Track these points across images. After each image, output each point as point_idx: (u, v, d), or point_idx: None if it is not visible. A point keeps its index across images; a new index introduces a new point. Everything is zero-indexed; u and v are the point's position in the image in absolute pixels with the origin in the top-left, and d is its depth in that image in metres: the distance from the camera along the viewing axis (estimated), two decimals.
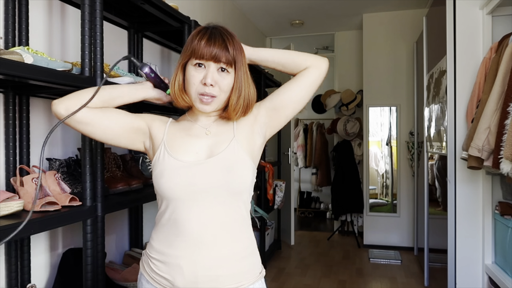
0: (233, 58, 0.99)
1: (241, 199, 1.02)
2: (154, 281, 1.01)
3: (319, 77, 1.11)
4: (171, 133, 1.07)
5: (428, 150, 3.06)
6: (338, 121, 4.73)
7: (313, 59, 1.10)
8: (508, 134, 1.61)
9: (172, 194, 0.97)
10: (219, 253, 0.97)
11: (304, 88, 1.09)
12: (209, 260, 0.96)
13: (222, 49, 0.97)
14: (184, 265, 0.96)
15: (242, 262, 1.01)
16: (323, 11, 4.20)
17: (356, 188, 4.51)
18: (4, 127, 1.41)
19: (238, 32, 4.37)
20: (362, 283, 3.28)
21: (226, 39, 0.99)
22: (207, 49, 0.97)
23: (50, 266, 1.63)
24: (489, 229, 2.18)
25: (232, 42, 1.00)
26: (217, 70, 0.99)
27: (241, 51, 1.03)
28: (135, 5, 1.73)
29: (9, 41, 1.39)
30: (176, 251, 0.97)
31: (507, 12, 2.11)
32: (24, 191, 1.26)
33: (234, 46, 1.00)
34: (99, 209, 1.36)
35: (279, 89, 1.10)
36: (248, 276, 1.01)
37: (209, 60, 0.97)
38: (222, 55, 0.97)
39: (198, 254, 0.96)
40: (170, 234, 0.99)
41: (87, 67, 1.32)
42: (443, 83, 2.44)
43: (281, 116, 1.11)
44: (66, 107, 0.99)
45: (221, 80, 0.99)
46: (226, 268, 0.98)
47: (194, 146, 1.03)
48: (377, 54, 4.35)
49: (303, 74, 1.09)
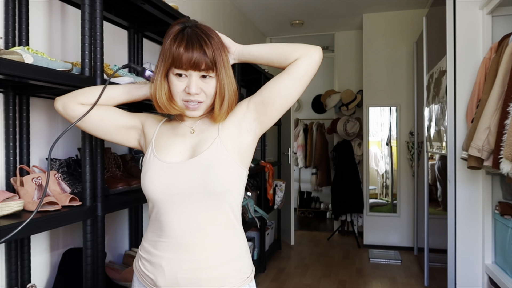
0: (213, 60, 0.96)
1: (225, 201, 0.98)
2: (142, 279, 1.03)
3: (310, 67, 0.99)
4: (161, 132, 1.08)
5: (428, 150, 3.06)
6: (338, 121, 4.73)
7: (303, 49, 1.00)
8: (508, 134, 1.61)
9: (154, 195, 0.98)
10: (200, 256, 0.96)
11: (294, 81, 0.99)
12: (189, 263, 0.96)
13: (200, 55, 0.94)
14: (166, 266, 0.97)
15: (226, 266, 0.98)
16: (323, 11, 4.20)
17: (356, 188, 4.51)
18: (4, 127, 1.41)
19: (238, 32, 4.38)
20: (362, 283, 3.28)
21: (203, 42, 0.95)
22: (186, 57, 0.93)
23: (50, 266, 1.63)
24: (489, 229, 2.18)
25: (210, 43, 0.96)
26: (200, 77, 0.97)
27: (221, 49, 0.99)
28: (135, 5, 1.73)
29: (9, 41, 1.38)
30: (159, 251, 0.99)
31: (507, 12, 2.11)
32: (24, 191, 1.26)
33: (212, 47, 0.96)
34: (99, 209, 1.36)
35: (269, 82, 1.03)
36: (233, 280, 0.98)
37: (190, 69, 0.95)
38: (202, 62, 0.94)
39: (179, 256, 0.96)
40: (154, 234, 1.01)
41: (87, 67, 1.32)
42: (443, 83, 2.44)
43: (270, 112, 1.02)
44: (62, 104, 1.07)
45: (205, 87, 0.98)
46: (208, 271, 0.96)
47: (178, 146, 1.03)
48: (377, 54, 4.35)
49: (293, 66, 0.99)
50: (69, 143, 1.72)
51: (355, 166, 4.64)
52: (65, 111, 1.08)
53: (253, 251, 3.47)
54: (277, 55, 1.02)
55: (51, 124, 1.63)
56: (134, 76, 1.65)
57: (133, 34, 2.13)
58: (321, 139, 5.69)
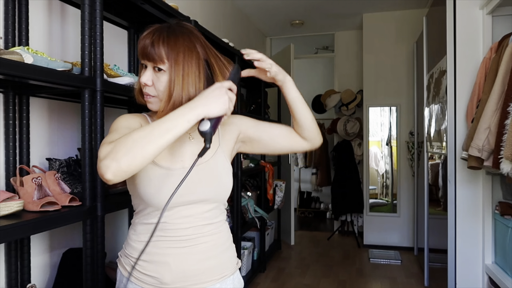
0: (164, 55, 0.92)
1: (224, 202, 1.06)
2: (139, 281, 0.98)
3: (303, 150, 1.14)
4: None
5: (428, 150, 3.06)
6: (338, 121, 4.73)
7: (318, 137, 1.10)
8: (508, 134, 1.61)
9: (160, 203, 0.93)
10: (202, 248, 0.99)
11: (285, 149, 1.12)
12: (194, 255, 0.98)
13: (151, 46, 0.92)
14: (172, 261, 0.96)
15: (224, 254, 1.05)
16: (323, 11, 4.20)
17: (356, 188, 4.51)
18: (4, 127, 1.41)
19: (238, 32, 4.36)
20: (362, 283, 3.27)
21: (162, 35, 0.92)
22: (141, 44, 0.94)
23: (50, 266, 1.63)
24: (489, 229, 2.18)
25: (168, 38, 0.92)
26: (154, 69, 0.94)
27: (184, 50, 0.93)
28: (135, 5, 1.73)
29: (9, 41, 1.38)
30: (162, 249, 0.97)
31: (507, 12, 2.11)
32: (24, 191, 1.26)
33: (167, 43, 0.92)
34: (99, 209, 1.36)
35: (268, 125, 1.12)
36: (229, 266, 1.05)
37: (143, 58, 0.95)
38: (152, 53, 0.92)
39: (185, 250, 0.97)
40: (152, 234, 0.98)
41: (87, 67, 1.32)
42: (443, 83, 2.44)
43: (248, 147, 1.13)
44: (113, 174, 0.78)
45: (156, 80, 0.94)
46: (209, 261, 1.00)
47: (178, 151, 0.99)
48: (377, 54, 4.35)
49: (297, 142, 1.10)
50: (69, 143, 1.72)
51: (355, 166, 4.64)
52: (125, 174, 0.80)
53: (253, 251, 3.47)
54: (302, 114, 1.06)
55: (51, 124, 1.63)
56: (134, 76, 1.65)
57: (133, 34, 2.13)
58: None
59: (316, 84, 6.41)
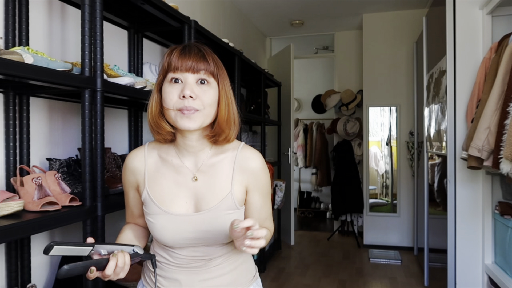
0: (214, 69, 0.91)
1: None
2: None
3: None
4: (152, 170, 0.98)
5: (428, 150, 3.06)
6: (338, 121, 4.73)
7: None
8: (508, 134, 1.61)
9: (164, 243, 0.96)
10: (216, 268, 0.99)
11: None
12: (204, 274, 0.98)
13: (199, 59, 0.89)
14: (182, 279, 0.98)
15: (238, 268, 1.03)
16: (323, 11, 4.20)
17: (356, 188, 4.51)
18: (4, 127, 1.41)
19: (238, 32, 4.36)
20: (362, 283, 3.28)
21: (204, 50, 0.92)
22: (183, 60, 0.88)
23: (50, 266, 1.63)
24: (489, 229, 2.18)
25: (211, 56, 0.92)
26: (196, 82, 0.89)
27: (223, 70, 0.94)
28: (135, 5, 1.74)
29: (9, 41, 1.39)
30: (171, 273, 0.99)
31: (507, 12, 2.10)
32: (24, 191, 1.26)
33: (214, 60, 0.92)
34: (99, 209, 1.36)
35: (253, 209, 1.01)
36: (243, 281, 1.03)
37: (186, 71, 0.88)
38: (201, 65, 0.89)
39: (194, 271, 0.98)
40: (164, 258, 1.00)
41: (87, 67, 1.32)
42: (443, 83, 2.44)
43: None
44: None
45: (202, 93, 0.89)
46: (221, 279, 0.99)
47: (180, 194, 0.95)
48: (377, 54, 4.35)
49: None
50: (69, 143, 1.72)
51: (355, 166, 4.64)
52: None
53: None
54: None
55: (51, 124, 1.63)
56: (134, 76, 1.65)
57: (133, 34, 2.13)
58: (321, 139, 5.69)
59: (316, 84, 6.41)
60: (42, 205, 1.21)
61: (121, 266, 0.80)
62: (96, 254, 0.81)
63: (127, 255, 0.82)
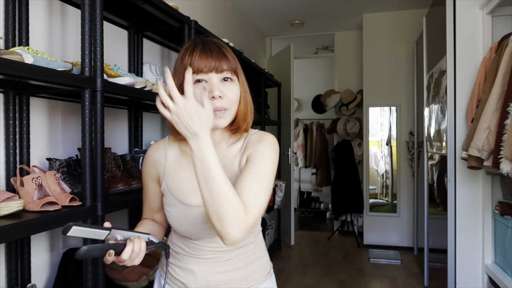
0: (235, 65, 0.93)
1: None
2: (173, 283, 1.04)
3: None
4: (172, 162, 1.00)
5: (428, 150, 3.06)
6: (338, 121, 4.73)
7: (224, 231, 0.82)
8: (508, 134, 1.61)
9: (181, 232, 0.99)
10: (230, 262, 1.00)
11: None
12: (219, 267, 0.99)
13: (221, 58, 0.89)
14: (197, 271, 0.99)
15: (250, 266, 1.03)
16: (323, 11, 4.20)
17: (356, 188, 4.51)
18: (4, 127, 1.41)
19: (238, 32, 4.36)
20: (362, 283, 3.28)
21: (222, 47, 0.92)
22: (206, 61, 0.88)
23: (50, 266, 1.63)
24: (489, 229, 2.18)
25: (230, 52, 0.93)
26: (221, 81, 0.90)
27: (238, 63, 0.96)
28: (135, 5, 1.74)
29: (9, 41, 1.39)
30: (187, 263, 1.00)
31: (507, 12, 2.11)
32: (24, 191, 1.26)
33: (233, 56, 0.93)
34: (99, 209, 1.36)
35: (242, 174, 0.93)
36: (257, 277, 1.04)
37: (210, 71, 0.88)
38: (224, 64, 0.89)
39: (210, 263, 0.99)
40: (181, 248, 1.01)
41: (87, 67, 1.32)
42: (443, 83, 2.44)
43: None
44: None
45: (228, 91, 0.90)
46: (236, 272, 1.00)
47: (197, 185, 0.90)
48: (377, 54, 4.35)
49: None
50: (69, 143, 1.72)
51: (355, 166, 4.64)
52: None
53: None
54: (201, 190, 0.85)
55: (51, 124, 1.63)
56: (134, 76, 1.65)
57: (133, 34, 2.13)
58: (321, 139, 5.69)
59: (316, 84, 6.41)
60: (42, 205, 1.21)
61: (137, 252, 0.81)
62: (112, 239, 0.82)
63: (143, 241, 0.83)
